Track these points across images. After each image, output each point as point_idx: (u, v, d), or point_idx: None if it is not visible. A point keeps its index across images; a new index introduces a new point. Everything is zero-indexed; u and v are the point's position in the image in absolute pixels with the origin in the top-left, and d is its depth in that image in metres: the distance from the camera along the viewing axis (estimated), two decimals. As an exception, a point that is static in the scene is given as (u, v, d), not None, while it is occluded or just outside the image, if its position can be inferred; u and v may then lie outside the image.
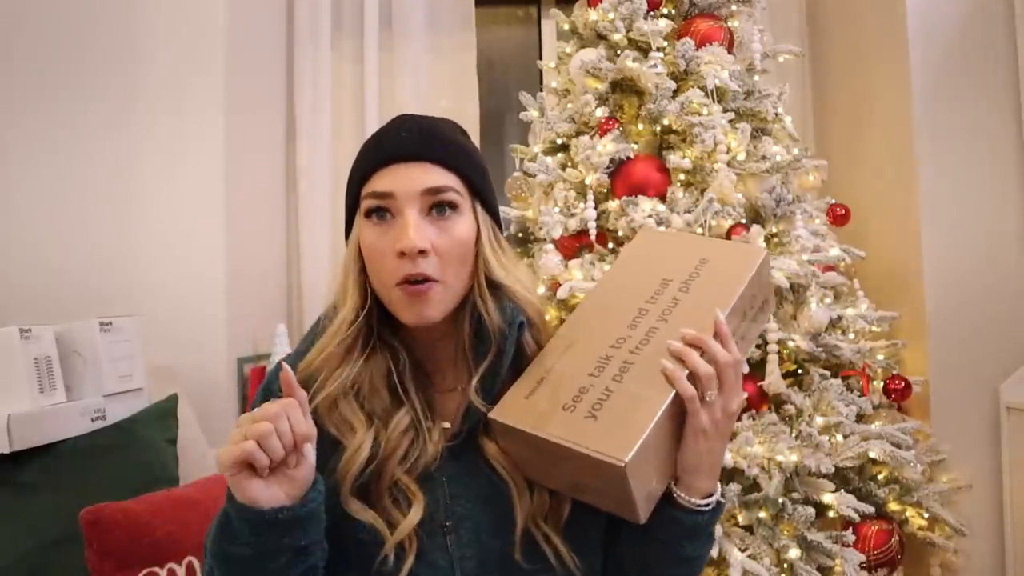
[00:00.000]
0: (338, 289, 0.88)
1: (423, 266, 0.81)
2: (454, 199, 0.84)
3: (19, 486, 1.48)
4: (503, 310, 0.86)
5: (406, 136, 0.85)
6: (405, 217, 0.81)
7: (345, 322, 0.84)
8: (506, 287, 0.87)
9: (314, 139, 2.57)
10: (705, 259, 0.89)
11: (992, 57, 2.19)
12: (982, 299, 2.15)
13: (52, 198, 2.12)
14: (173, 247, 2.13)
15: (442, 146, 0.86)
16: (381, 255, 0.82)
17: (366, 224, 0.84)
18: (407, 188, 0.82)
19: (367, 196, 0.84)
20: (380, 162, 0.84)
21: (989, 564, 2.10)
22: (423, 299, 0.81)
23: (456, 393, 0.89)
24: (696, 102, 1.92)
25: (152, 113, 2.15)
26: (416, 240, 0.80)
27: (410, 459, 0.83)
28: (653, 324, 0.83)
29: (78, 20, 2.14)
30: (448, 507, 0.83)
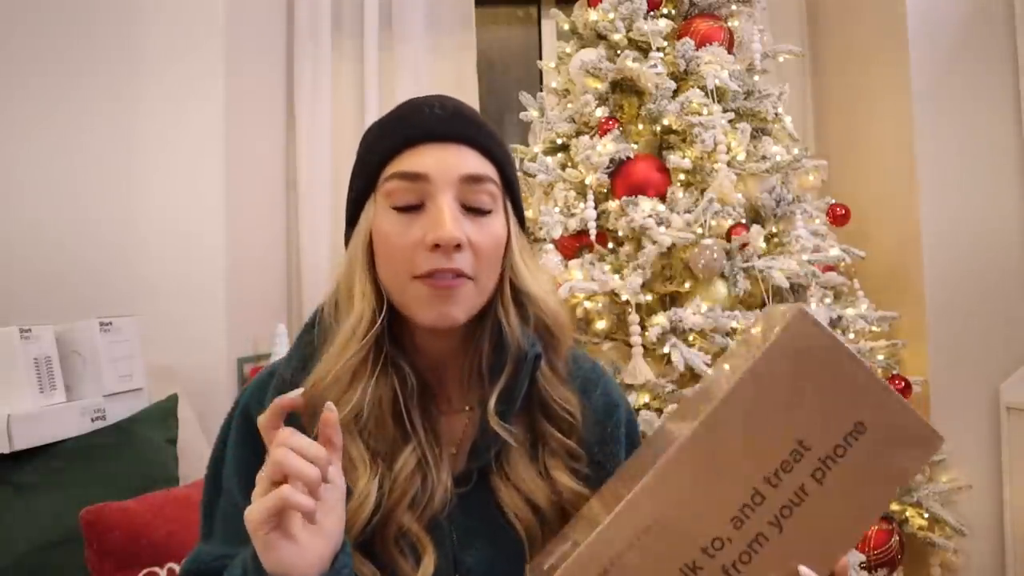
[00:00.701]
0: (342, 285, 0.76)
1: (458, 261, 0.69)
2: (493, 192, 0.73)
3: (19, 486, 1.48)
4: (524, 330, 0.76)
5: (440, 113, 0.73)
6: (439, 204, 0.70)
7: (359, 331, 0.72)
8: (532, 296, 0.77)
9: (314, 139, 2.57)
10: (862, 424, 0.62)
11: (992, 57, 2.19)
12: (982, 299, 2.15)
13: (52, 199, 2.11)
14: (173, 247, 2.13)
15: (481, 130, 0.74)
16: (403, 246, 0.70)
17: (387, 211, 0.72)
18: (445, 171, 0.70)
19: (393, 177, 0.71)
20: (411, 139, 0.72)
21: (989, 564, 2.10)
22: (450, 296, 0.70)
23: (462, 415, 0.80)
24: (696, 102, 1.92)
25: (152, 113, 2.14)
26: (455, 231, 0.68)
27: (419, 505, 0.73)
28: (763, 527, 0.61)
29: (76, 22, 2.14)
30: (457, 556, 0.75)
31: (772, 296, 1.84)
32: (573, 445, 0.78)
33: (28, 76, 2.12)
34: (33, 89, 2.12)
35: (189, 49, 2.16)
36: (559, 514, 0.75)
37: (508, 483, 0.76)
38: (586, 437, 0.80)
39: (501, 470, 0.76)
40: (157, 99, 2.15)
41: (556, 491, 0.75)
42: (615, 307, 1.89)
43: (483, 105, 2.66)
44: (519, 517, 0.75)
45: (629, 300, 1.83)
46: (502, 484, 0.76)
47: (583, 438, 0.80)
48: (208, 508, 0.81)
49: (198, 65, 2.16)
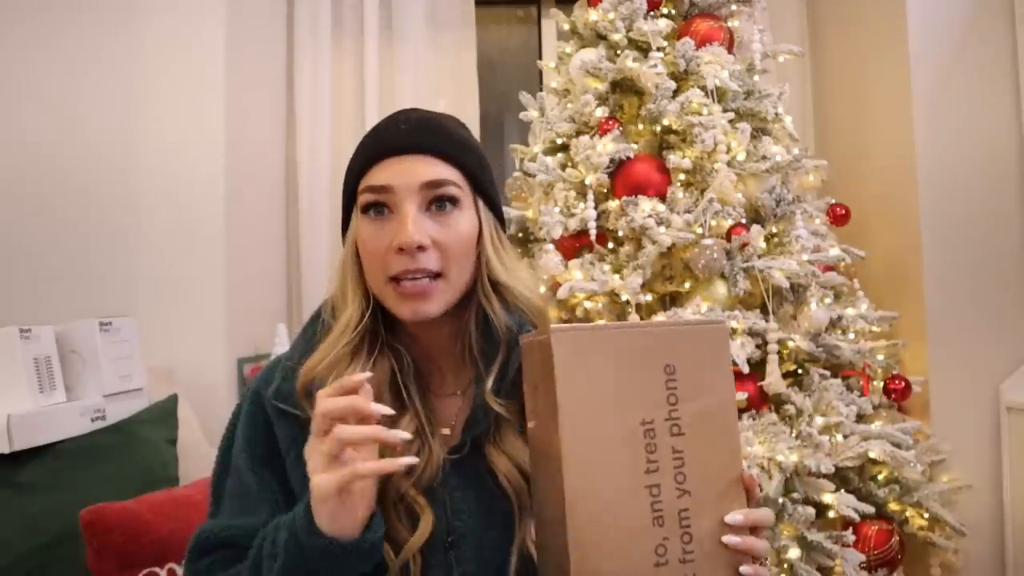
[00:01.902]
0: (337, 289, 0.85)
1: (423, 261, 0.78)
2: (454, 193, 0.81)
3: (19, 486, 1.48)
4: (508, 310, 0.83)
5: (404, 128, 0.82)
6: (403, 211, 0.78)
7: (350, 325, 0.81)
8: (508, 287, 0.84)
9: (314, 138, 2.57)
10: (670, 366, 0.68)
11: (992, 57, 2.19)
12: (982, 299, 2.15)
13: (52, 196, 2.11)
14: (173, 247, 2.13)
15: (442, 138, 0.82)
16: (377, 251, 0.79)
17: (363, 219, 0.81)
18: (405, 181, 0.79)
19: (364, 190, 0.81)
20: (377, 155, 0.81)
21: (989, 564, 2.10)
22: (420, 295, 0.78)
23: (456, 398, 0.86)
24: (696, 102, 1.92)
25: (153, 113, 2.14)
26: (415, 235, 0.77)
27: (415, 472, 0.79)
28: (678, 504, 0.67)
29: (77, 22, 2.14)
30: (450, 522, 0.80)
31: (772, 296, 1.84)
32: None
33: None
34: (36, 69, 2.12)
35: (189, 47, 2.16)
36: None
37: (500, 451, 0.82)
38: None
39: (494, 440, 0.82)
40: (157, 97, 2.15)
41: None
42: (615, 307, 1.89)
43: (483, 105, 2.66)
44: (510, 481, 0.80)
45: (629, 300, 1.83)
46: (495, 451, 0.82)
47: None
48: (217, 487, 0.87)
49: (198, 63, 2.16)
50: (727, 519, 0.67)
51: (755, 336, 1.81)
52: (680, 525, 0.67)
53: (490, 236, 0.84)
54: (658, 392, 0.68)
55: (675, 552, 0.66)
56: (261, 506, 0.82)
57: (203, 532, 0.83)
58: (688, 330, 0.72)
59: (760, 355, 1.82)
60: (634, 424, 0.67)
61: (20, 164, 2.11)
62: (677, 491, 0.67)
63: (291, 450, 0.82)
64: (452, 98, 2.65)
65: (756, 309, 1.86)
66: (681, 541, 0.66)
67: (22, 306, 2.01)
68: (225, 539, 0.81)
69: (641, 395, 0.68)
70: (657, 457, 0.67)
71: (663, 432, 0.67)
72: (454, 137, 0.84)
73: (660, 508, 0.66)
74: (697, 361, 0.69)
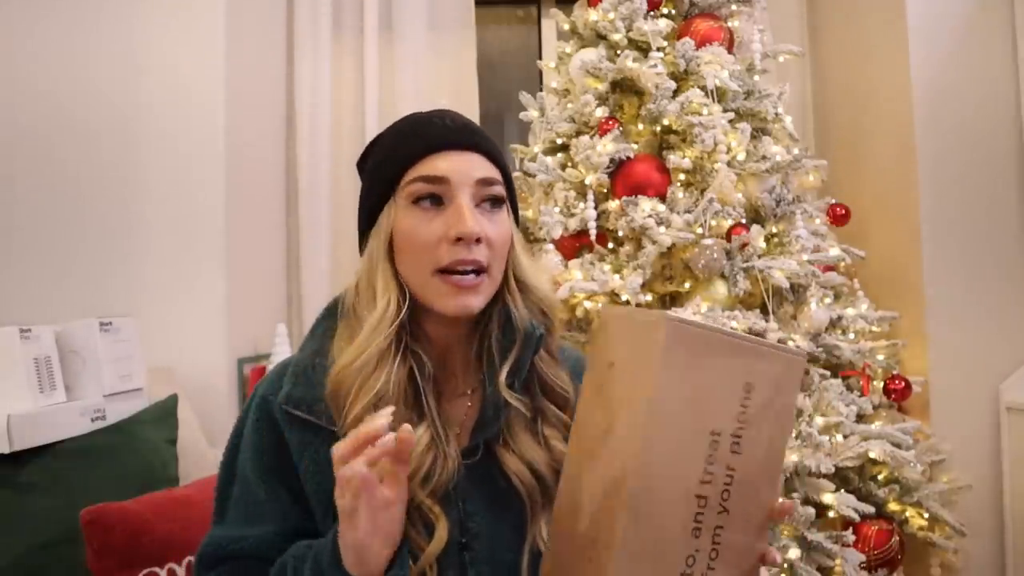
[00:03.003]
0: (362, 283, 0.83)
1: (477, 253, 0.78)
2: (501, 193, 0.83)
3: (19, 486, 1.48)
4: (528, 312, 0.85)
5: (453, 125, 0.83)
6: (459, 203, 0.79)
7: (385, 319, 0.80)
8: (532, 286, 0.86)
9: (314, 138, 2.57)
10: (750, 384, 0.68)
11: (992, 57, 2.19)
12: (982, 299, 2.15)
13: (52, 196, 2.11)
14: (173, 247, 2.13)
15: (487, 140, 0.85)
16: (425, 242, 0.79)
17: (409, 210, 0.80)
18: (462, 175, 0.80)
19: (415, 180, 0.80)
20: (432, 147, 0.81)
21: (989, 564, 2.10)
22: (472, 289, 0.79)
23: (464, 398, 0.87)
24: (696, 102, 1.92)
25: (152, 113, 2.14)
26: (475, 226, 0.78)
27: (431, 479, 0.79)
28: (716, 520, 0.67)
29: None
30: (464, 524, 0.81)
31: (772, 296, 1.84)
32: (568, 419, 0.86)
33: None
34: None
35: (189, 49, 2.16)
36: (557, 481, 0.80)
37: (511, 451, 0.82)
38: None
39: (505, 440, 0.83)
40: (157, 96, 2.15)
41: (555, 459, 0.82)
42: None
43: (483, 105, 2.66)
44: (522, 482, 0.81)
45: (629, 300, 1.83)
46: (506, 452, 0.82)
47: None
48: (222, 494, 0.87)
49: (198, 63, 2.16)
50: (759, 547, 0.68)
51: (755, 336, 1.81)
52: (712, 541, 0.67)
53: (518, 238, 0.87)
54: (733, 406, 0.68)
55: (701, 566, 0.67)
56: (269, 516, 0.81)
57: (210, 543, 0.83)
58: (774, 354, 0.71)
59: (760, 355, 1.81)
60: (704, 432, 0.67)
61: (17, 161, 2.11)
62: (720, 507, 0.67)
63: (304, 456, 0.81)
64: (452, 98, 2.64)
65: (756, 309, 1.86)
66: (708, 556, 0.67)
67: (22, 306, 2.01)
68: (233, 551, 0.81)
69: (718, 405, 0.68)
70: (713, 470, 0.67)
71: (725, 447, 0.67)
72: (494, 141, 0.86)
73: (701, 520, 0.67)
74: (773, 386, 0.69)
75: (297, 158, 2.58)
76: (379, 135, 0.89)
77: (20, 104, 2.11)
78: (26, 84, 2.11)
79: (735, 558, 0.68)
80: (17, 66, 2.11)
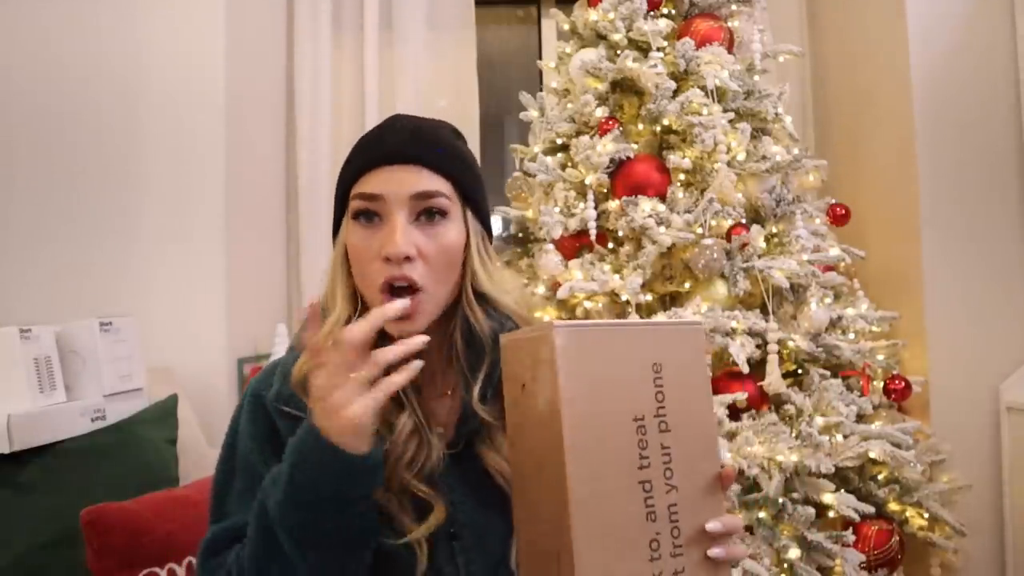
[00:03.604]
0: (327, 291, 0.87)
1: (408, 271, 0.79)
2: (444, 205, 0.82)
3: (19, 486, 1.48)
4: (492, 318, 0.85)
5: (397, 138, 0.83)
6: (393, 221, 0.80)
7: (337, 325, 0.82)
8: (492, 298, 0.86)
9: (313, 138, 2.57)
10: (657, 364, 0.71)
11: (992, 57, 2.19)
12: (982, 299, 2.15)
13: (52, 196, 2.11)
14: (173, 247, 2.13)
15: (433, 149, 0.83)
16: (367, 258, 0.81)
17: (353, 226, 0.83)
18: (396, 191, 0.80)
19: (355, 197, 0.82)
20: (370, 163, 0.82)
21: (989, 564, 2.10)
22: (407, 319, 0.79)
23: (446, 398, 0.88)
24: (696, 102, 1.92)
25: (152, 113, 2.14)
26: (402, 246, 0.78)
27: (417, 463, 0.81)
28: (668, 500, 0.69)
29: (76, 37, 2.14)
30: (452, 514, 0.82)
31: (772, 296, 1.84)
32: None
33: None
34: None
35: (189, 49, 2.16)
36: None
37: (493, 450, 0.84)
38: None
39: (486, 440, 0.84)
40: (158, 98, 2.15)
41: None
42: (615, 307, 1.89)
43: (483, 105, 2.65)
44: (505, 478, 0.82)
45: (629, 300, 1.83)
46: (488, 450, 0.84)
47: None
48: (220, 492, 0.87)
49: (199, 66, 2.16)
50: (708, 527, 0.70)
51: (755, 336, 1.81)
52: (670, 520, 0.69)
53: (476, 247, 0.86)
54: (647, 389, 0.70)
55: (666, 546, 0.68)
56: None
57: (215, 533, 0.83)
58: (671, 329, 0.75)
59: (760, 355, 1.82)
60: (627, 420, 0.69)
61: (17, 162, 2.11)
62: (666, 486, 0.69)
63: None
64: (452, 98, 2.65)
65: (756, 309, 1.86)
66: (671, 536, 0.69)
67: (22, 306, 2.01)
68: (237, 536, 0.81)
69: (633, 392, 0.70)
70: (648, 453, 0.69)
71: (653, 429, 0.69)
72: (446, 148, 0.85)
73: (652, 504, 0.68)
74: (680, 360, 0.72)
75: (297, 158, 2.58)
76: None
77: (18, 107, 2.11)
78: (24, 86, 2.11)
79: (698, 533, 0.70)
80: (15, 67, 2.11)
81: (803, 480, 1.73)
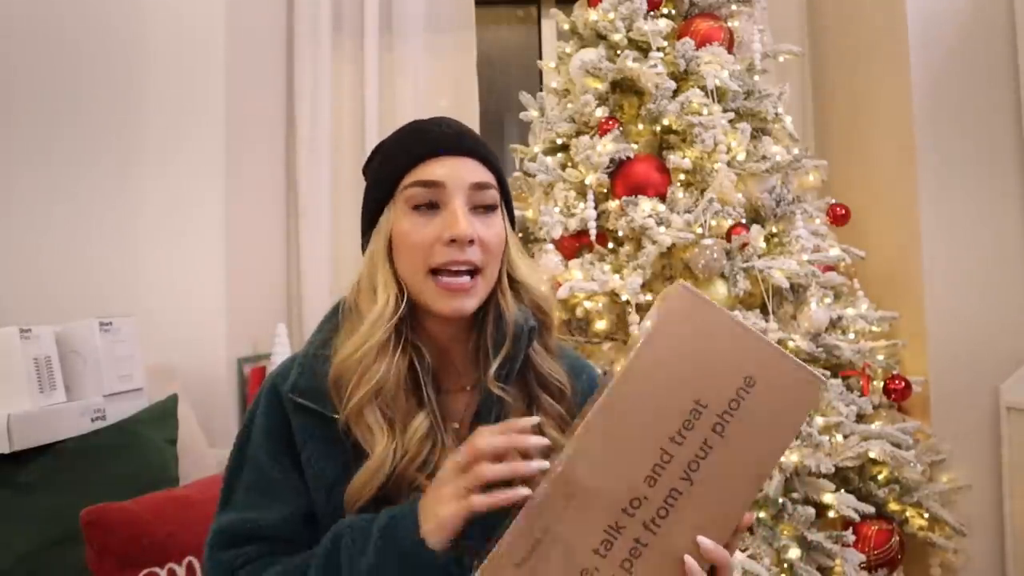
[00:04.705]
0: (364, 282, 0.87)
1: (470, 254, 0.82)
2: (495, 198, 0.86)
3: (19, 486, 1.48)
4: (520, 308, 0.88)
5: (449, 131, 0.87)
6: (454, 206, 0.82)
7: (384, 316, 0.83)
8: (528, 285, 0.89)
9: (314, 138, 2.57)
10: (752, 379, 0.70)
11: (992, 57, 2.19)
12: (982, 299, 2.15)
13: (52, 196, 2.11)
14: (173, 247, 2.13)
15: (484, 145, 0.88)
16: (421, 244, 0.82)
17: (406, 213, 0.84)
18: (456, 179, 0.83)
19: (413, 184, 0.84)
20: (429, 152, 0.84)
21: (989, 564, 2.10)
22: (465, 292, 0.82)
23: (465, 393, 0.90)
24: (696, 102, 1.92)
25: (152, 113, 2.15)
26: (467, 229, 0.81)
27: (429, 465, 0.82)
28: (676, 482, 0.69)
29: (78, 29, 2.14)
30: None
31: (772, 296, 1.84)
32: (562, 410, 0.89)
33: (28, 81, 2.12)
34: (33, 99, 2.12)
35: (190, 50, 2.16)
36: None
37: None
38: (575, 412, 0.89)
39: None
40: (158, 98, 2.15)
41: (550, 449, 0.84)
42: (615, 307, 1.89)
43: (483, 105, 2.66)
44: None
45: (629, 300, 1.83)
46: None
47: (573, 413, 0.90)
48: (231, 480, 0.88)
49: (199, 66, 2.16)
50: (699, 539, 0.68)
51: (755, 336, 1.81)
52: (664, 500, 0.68)
53: (513, 240, 0.90)
54: (727, 390, 0.70)
55: (645, 514, 0.68)
56: (281, 497, 0.84)
57: (223, 527, 0.84)
58: (791, 365, 0.72)
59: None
60: (688, 396, 0.69)
61: (17, 161, 2.11)
62: (683, 473, 0.69)
63: (307, 444, 0.84)
64: (452, 99, 2.65)
65: (756, 309, 1.87)
66: (656, 512, 0.68)
67: (22, 306, 2.01)
68: (251, 531, 0.83)
69: (711, 381, 0.70)
70: (687, 436, 0.69)
71: (707, 422, 0.69)
72: (489, 147, 0.89)
73: (659, 474, 0.68)
74: (777, 395, 0.70)
75: (297, 158, 2.58)
76: (382, 141, 0.92)
77: (16, 112, 2.12)
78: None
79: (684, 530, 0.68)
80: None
81: (803, 480, 1.73)
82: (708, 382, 0.70)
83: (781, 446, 0.73)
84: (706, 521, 0.69)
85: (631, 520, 0.68)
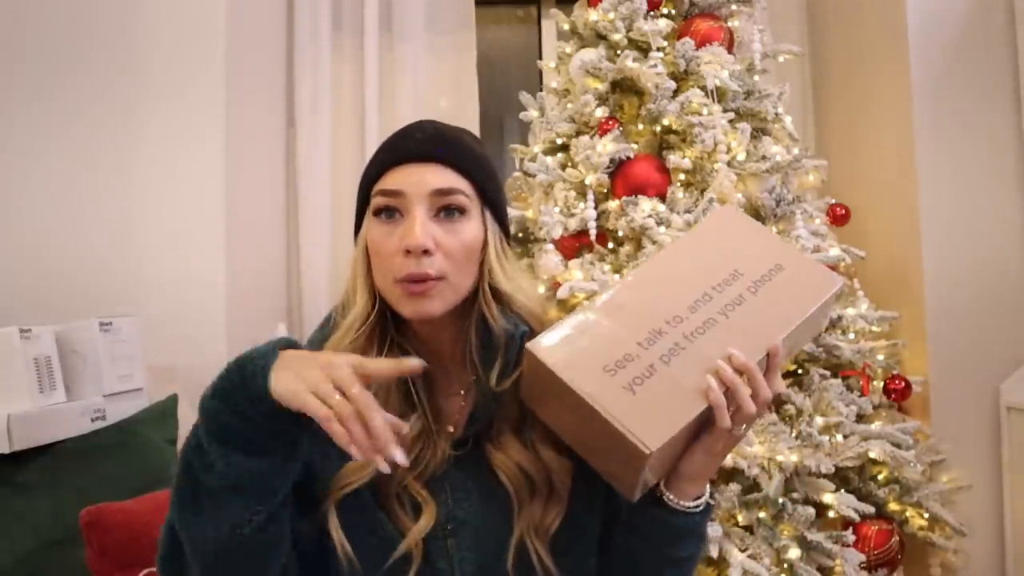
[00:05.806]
0: (348, 288, 0.89)
1: (426, 265, 0.81)
2: (463, 203, 0.84)
3: (19, 486, 1.48)
4: (507, 317, 0.86)
5: (420, 138, 0.86)
6: (412, 216, 0.82)
7: (356, 321, 0.85)
8: (509, 296, 0.87)
9: (314, 139, 2.57)
10: (781, 266, 0.85)
11: (992, 57, 2.19)
12: (982, 299, 2.15)
13: (51, 197, 2.11)
14: (173, 247, 2.13)
15: (454, 149, 0.86)
16: (386, 252, 0.83)
17: (374, 222, 0.85)
18: (416, 187, 0.83)
19: (377, 194, 0.85)
20: (392, 162, 0.85)
21: (989, 564, 2.10)
22: (423, 295, 0.81)
23: (459, 397, 0.90)
24: (696, 102, 1.92)
25: (152, 112, 2.14)
26: (421, 238, 0.80)
27: (419, 466, 0.83)
28: (713, 315, 0.80)
29: (78, 21, 2.14)
30: (451, 510, 0.84)
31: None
32: None
33: (27, 77, 2.12)
34: (33, 89, 2.12)
35: (189, 50, 2.16)
36: (547, 483, 0.85)
37: (499, 449, 0.86)
38: None
39: (493, 440, 0.86)
40: (158, 99, 2.15)
41: (543, 463, 0.85)
42: (615, 307, 1.89)
43: (483, 105, 2.65)
44: (510, 479, 0.84)
45: (629, 300, 1.82)
46: (494, 450, 0.86)
47: None
48: None
49: (198, 65, 2.16)
50: (730, 350, 0.77)
51: (755, 336, 1.81)
52: (703, 323, 0.79)
53: (494, 246, 0.88)
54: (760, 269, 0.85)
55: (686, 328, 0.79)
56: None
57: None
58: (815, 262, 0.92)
59: (760, 355, 1.81)
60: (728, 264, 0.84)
61: (16, 162, 2.11)
62: (720, 310, 0.80)
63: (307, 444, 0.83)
64: (452, 99, 2.65)
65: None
66: (695, 329, 0.79)
67: (22, 306, 2.00)
68: None
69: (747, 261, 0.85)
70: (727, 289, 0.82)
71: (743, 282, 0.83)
72: (467, 150, 0.88)
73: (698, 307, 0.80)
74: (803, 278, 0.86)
75: (297, 157, 2.58)
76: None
77: (13, 111, 2.12)
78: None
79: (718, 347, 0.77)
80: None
81: (803, 480, 1.73)
82: (745, 260, 0.85)
83: (807, 306, 0.84)
84: (738, 344, 0.77)
85: (673, 329, 0.78)
